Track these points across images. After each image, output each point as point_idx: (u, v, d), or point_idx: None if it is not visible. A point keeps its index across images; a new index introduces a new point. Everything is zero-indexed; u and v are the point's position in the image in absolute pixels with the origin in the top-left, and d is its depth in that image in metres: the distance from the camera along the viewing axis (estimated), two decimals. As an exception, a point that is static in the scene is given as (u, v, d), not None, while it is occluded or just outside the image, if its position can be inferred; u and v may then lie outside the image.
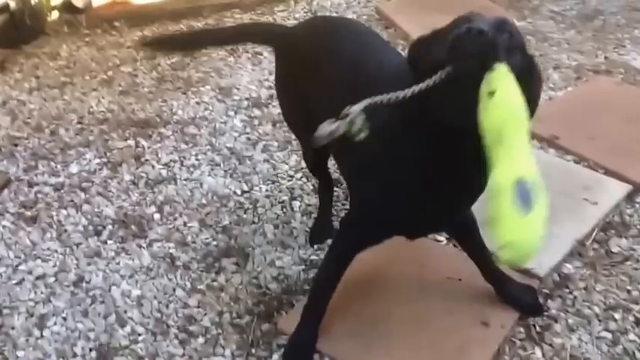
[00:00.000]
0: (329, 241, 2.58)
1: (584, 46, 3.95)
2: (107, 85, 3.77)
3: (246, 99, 3.59)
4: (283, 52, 2.51)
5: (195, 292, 2.50)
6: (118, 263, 2.64)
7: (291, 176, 3.04)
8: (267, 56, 3.91)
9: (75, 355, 2.29)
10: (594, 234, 2.56)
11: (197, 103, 3.59)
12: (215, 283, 2.53)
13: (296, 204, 2.87)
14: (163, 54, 3.87)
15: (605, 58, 3.70)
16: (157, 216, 2.85)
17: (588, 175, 2.82)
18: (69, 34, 4.30)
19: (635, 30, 3.89)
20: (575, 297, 2.36)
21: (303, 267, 2.57)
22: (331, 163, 2.60)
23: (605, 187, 2.75)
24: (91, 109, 3.56)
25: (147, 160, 3.18)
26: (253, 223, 2.79)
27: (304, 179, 2.98)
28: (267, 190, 2.96)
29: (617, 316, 2.28)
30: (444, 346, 2.20)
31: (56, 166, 3.14)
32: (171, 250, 2.68)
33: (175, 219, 2.84)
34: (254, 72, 3.83)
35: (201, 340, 2.33)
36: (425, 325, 2.28)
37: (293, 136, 3.21)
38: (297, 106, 2.39)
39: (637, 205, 2.68)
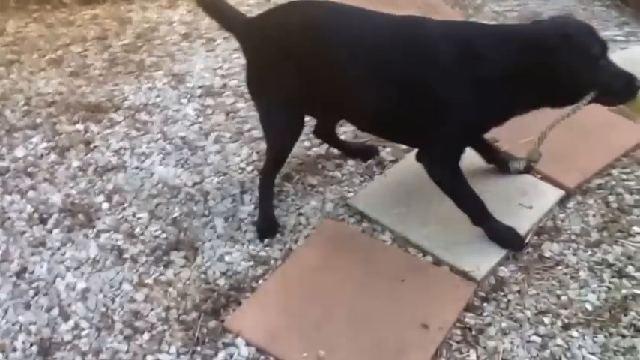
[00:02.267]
0: (278, 236, 2.60)
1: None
2: (56, 65, 3.66)
3: (200, 87, 3.52)
4: (263, 39, 2.53)
5: (142, 287, 2.47)
6: (64, 254, 2.59)
7: (243, 169, 3.00)
8: (221, 43, 3.85)
9: (15, 349, 2.24)
10: (529, 238, 2.60)
11: (149, 88, 3.52)
12: (163, 277, 2.50)
13: (247, 198, 2.84)
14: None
15: None
16: (105, 205, 2.81)
17: (525, 180, 2.85)
18: (16, 10, 4.16)
19: (571, 35, 3.89)
20: (509, 300, 2.40)
21: (252, 263, 2.56)
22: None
23: (540, 191, 2.79)
24: (39, 90, 3.46)
25: (96, 146, 3.11)
26: (204, 216, 2.76)
27: (255, 172, 2.95)
28: (218, 183, 2.92)
29: (546, 320, 2.33)
30: (385, 347, 2.23)
31: (1, 149, 3.05)
32: (119, 242, 2.64)
33: (124, 209, 2.79)
34: (208, 59, 3.75)
35: (146, 336, 2.30)
36: (367, 326, 2.30)
37: (245, 128, 3.21)
38: (284, 91, 2.49)
39: (568, 211, 2.73)
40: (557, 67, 2.27)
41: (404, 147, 3.00)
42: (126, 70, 3.65)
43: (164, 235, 2.67)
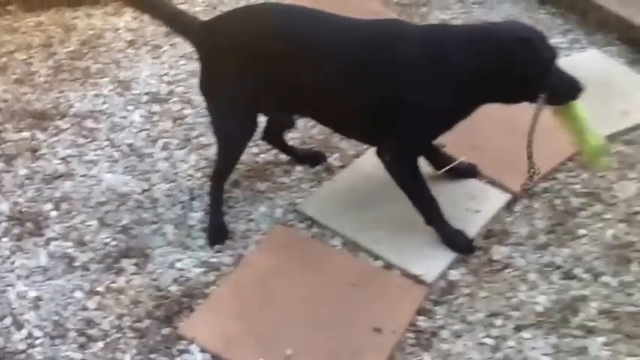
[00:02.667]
0: (229, 242, 2.59)
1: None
2: (0, 72, 3.57)
3: (146, 94, 3.47)
4: (219, 44, 2.54)
5: (94, 295, 2.44)
6: (14, 262, 2.54)
7: (191, 175, 2.98)
8: (167, 50, 3.80)
9: (-32, 359, 2.18)
10: (477, 241, 2.64)
11: (95, 95, 3.45)
12: (114, 285, 2.48)
13: (196, 204, 2.83)
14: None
15: None
16: (53, 213, 2.76)
17: (472, 184, 2.90)
18: (-42, 15, 4.04)
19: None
20: (460, 303, 2.43)
21: (203, 269, 2.55)
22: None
23: (488, 195, 2.84)
24: (-17, 98, 3.36)
25: (43, 154, 3.05)
26: (153, 223, 2.74)
27: (204, 179, 2.93)
28: (167, 190, 2.90)
29: (498, 322, 2.37)
30: (339, 352, 2.24)
31: (-54, 157, 2.96)
32: (69, 250, 2.60)
33: (73, 217, 2.75)
34: (154, 66, 3.69)
35: (100, 344, 2.28)
36: (320, 331, 2.30)
37: (193, 134, 3.19)
38: (244, 92, 2.51)
39: (516, 214, 2.78)
40: (517, 69, 2.37)
41: (352, 152, 3.02)
42: (71, 77, 3.57)
43: (114, 243, 2.64)
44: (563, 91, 2.49)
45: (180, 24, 2.72)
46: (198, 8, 4.24)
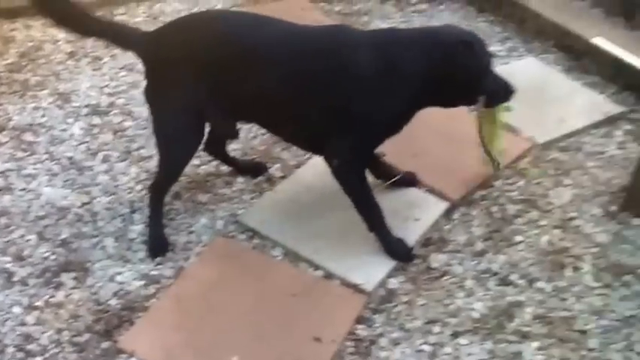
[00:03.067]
0: (169, 254, 2.58)
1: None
2: (-63, 85, 3.51)
3: (86, 106, 3.44)
4: (163, 52, 2.53)
5: (33, 309, 2.43)
6: (-50, 278, 2.49)
7: (132, 188, 2.97)
8: (108, 61, 3.78)
9: None
10: (415, 249, 2.68)
11: (35, 108, 3.42)
12: (54, 300, 2.46)
13: (136, 217, 2.82)
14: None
15: None
16: (-9, 228, 2.70)
17: (412, 193, 2.94)
18: None
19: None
20: (399, 311, 2.47)
21: (144, 282, 2.54)
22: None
23: (427, 204, 2.88)
24: None
25: (-19, 168, 2.99)
26: (93, 236, 2.73)
27: (145, 191, 2.91)
28: (107, 203, 2.88)
29: (436, 329, 2.41)
30: (280, 361, 2.25)
31: None
32: (7, 265, 2.59)
33: (12, 232, 2.74)
34: (94, 77, 3.66)
35: (39, 359, 2.27)
36: (261, 341, 2.31)
37: (133, 146, 3.17)
38: (191, 101, 2.52)
39: (454, 222, 2.84)
40: (461, 72, 2.46)
41: (293, 162, 3.04)
42: (10, 90, 3.53)
43: (53, 257, 2.62)
44: (499, 93, 2.61)
45: (124, 38, 2.70)
46: (138, 19, 4.24)
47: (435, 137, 3.21)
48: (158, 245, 2.67)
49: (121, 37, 2.71)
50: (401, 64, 2.45)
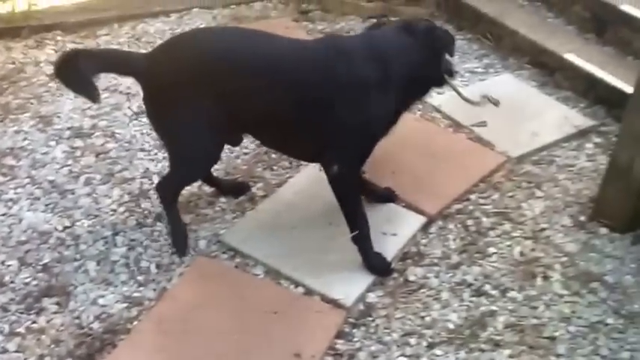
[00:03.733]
0: (152, 276, 2.62)
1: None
2: None
3: (68, 128, 3.47)
4: (170, 73, 2.56)
5: (14, 336, 2.43)
6: None
7: (114, 210, 2.99)
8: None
9: None
10: (393, 264, 2.74)
11: (16, 132, 3.44)
12: (35, 325, 2.47)
13: (119, 239, 2.84)
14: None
15: None
16: (-28, 255, 2.71)
17: (390, 208, 3.00)
18: None
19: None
20: (377, 325, 2.52)
21: (126, 305, 2.56)
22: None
23: (404, 219, 2.95)
24: None
25: (-39, 194, 3.00)
26: (75, 260, 2.74)
27: (127, 213, 2.96)
28: (89, 226, 2.90)
29: (412, 341, 2.46)
30: (260, 380, 2.29)
31: None
32: None
33: None
34: (76, 99, 3.64)
35: None
36: (244, 359, 2.34)
37: (116, 169, 3.20)
38: (202, 119, 2.56)
39: (431, 236, 2.90)
40: (435, 56, 2.67)
41: (275, 181, 3.09)
42: (-10, 113, 3.53)
43: (35, 282, 2.63)
44: (451, 67, 2.81)
45: (123, 63, 2.73)
46: (122, 39, 4.29)
47: (413, 155, 3.29)
48: (184, 241, 2.76)
49: (120, 62, 2.73)
50: (394, 69, 2.57)
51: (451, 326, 2.52)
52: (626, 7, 3.90)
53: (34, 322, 2.48)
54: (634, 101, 2.74)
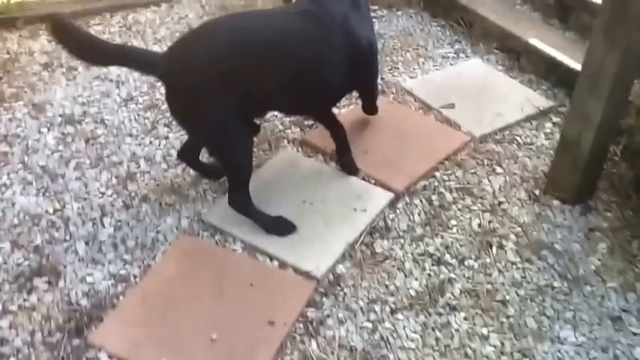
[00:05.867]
0: (137, 254, 2.72)
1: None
2: None
3: (60, 115, 3.53)
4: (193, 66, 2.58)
5: (6, 314, 2.49)
6: None
7: (103, 193, 3.06)
8: (82, 71, 3.88)
9: None
10: (362, 238, 2.83)
11: (9, 119, 3.49)
12: (27, 303, 2.54)
13: (107, 220, 2.91)
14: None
15: (382, 79, 3.88)
16: (-35, 237, 2.78)
17: (361, 186, 3.09)
18: None
19: (407, 53, 4.19)
20: (345, 294, 2.61)
21: (113, 281, 2.64)
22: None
23: (373, 195, 3.03)
24: None
25: (-46, 178, 3.06)
26: (65, 241, 2.81)
27: (115, 195, 3.03)
28: (78, 208, 2.97)
29: (377, 308, 2.56)
30: (237, 346, 2.38)
31: None
32: None
33: None
34: (68, 87, 3.76)
35: None
36: (221, 327, 2.44)
37: (105, 153, 3.27)
38: (230, 109, 2.63)
39: (397, 211, 2.98)
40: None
41: (255, 163, 3.14)
42: (-16, 102, 3.58)
43: (27, 263, 2.69)
44: None
45: (142, 63, 2.72)
46: (113, 29, 4.36)
47: (383, 135, 3.38)
48: (285, 226, 2.83)
49: (138, 62, 2.73)
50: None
51: (412, 293, 2.61)
52: (587, -7, 3.94)
53: (25, 300, 2.54)
54: (582, 80, 2.80)
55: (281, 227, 2.81)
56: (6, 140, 3.34)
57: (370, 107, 3.43)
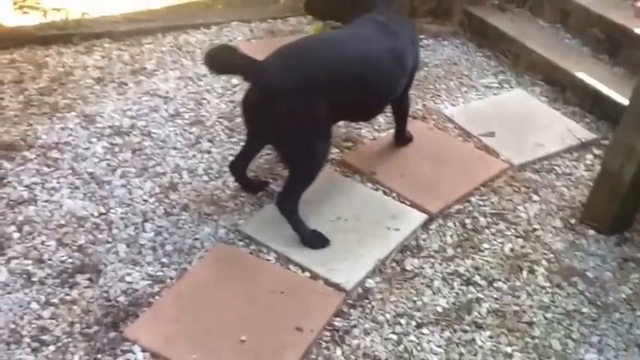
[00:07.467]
0: (174, 258, 2.89)
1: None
2: (-27, 107, 3.80)
3: (109, 127, 3.74)
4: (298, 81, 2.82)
5: (49, 305, 2.68)
6: (-26, 279, 2.75)
7: (146, 200, 3.25)
8: (132, 87, 4.10)
9: None
10: (393, 255, 2.97)
11: (62, 128, 3.71)
12: (68, 297, 2.72)
13: (148, 225, 3.10)
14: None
15: (424, 105, 4.06)
16: (16, 235, 2.99)
17: (396, 207, 3.23)
18: None
19: (450, 81, 4.35)
20: (372, 306, 2.75)
21: (150, 282, 2.82)
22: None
23: (407, 216, 3.17)
24: (-45, 131, 3.60)
25: (9, 181, 3.29)
26: (107, 242, 2.99)
27: (157, 203, 3.22)
28: (122, 213, 3.16)
29: (403, 321, 2.69)
30: (264, 348, 2.53)
31: None
32: (28, 267, 2.83)
33: (34, 238, 2.98)
34: (119, 101, 3.97)
35: (52, 348, 2.51)
36: (250, 330, 2.60)
37: (150, 164, 3.46)
38: (324, 117, 2.89)
39: (430, 232, 3.12)
40: None
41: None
42: (40, 111, 3.82)
43: (70, 260, 2.88)
44: None
45: (245, 70, 2.86)
46: (164, 48, 4.59)
47: (422, 160, 3.52)
48: (319, 240, 3.00)
49: (244, 69, 2.88)
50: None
51: (439, 310, 2.73)
52: (640, 31, 4.04)
53: (67, 295, 2.72)
54: (627, 114, 2.91)
55: (315, 240, 2.97)
56: (57, 147, 3.56)
57: (402, 131, 3.66)
